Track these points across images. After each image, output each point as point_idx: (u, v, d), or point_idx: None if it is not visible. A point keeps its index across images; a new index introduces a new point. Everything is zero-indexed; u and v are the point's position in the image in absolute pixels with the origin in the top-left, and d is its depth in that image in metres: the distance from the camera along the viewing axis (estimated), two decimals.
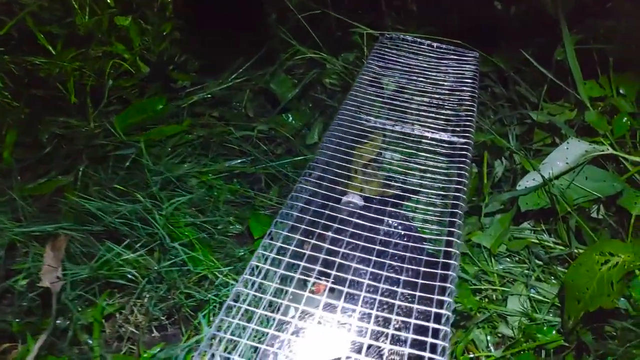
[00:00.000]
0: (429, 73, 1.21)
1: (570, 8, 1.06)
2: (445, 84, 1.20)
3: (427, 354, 0.55)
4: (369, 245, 0.72)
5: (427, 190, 1.02)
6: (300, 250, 0.71)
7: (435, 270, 0.66)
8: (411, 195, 0.98)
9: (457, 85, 1.20)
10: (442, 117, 1.14)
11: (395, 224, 0.89)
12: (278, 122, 1.51)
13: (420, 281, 0.66)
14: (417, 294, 0.65)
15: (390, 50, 1.29)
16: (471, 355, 0.88)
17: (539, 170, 0.98)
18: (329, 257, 0.69)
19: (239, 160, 1.35)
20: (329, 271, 0.69)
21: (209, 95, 1.55)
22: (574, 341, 0.85)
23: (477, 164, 1.13)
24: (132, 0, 1.97)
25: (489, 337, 0.90)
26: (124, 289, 0.95)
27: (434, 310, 0.61)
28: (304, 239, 0.84)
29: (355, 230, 0.74)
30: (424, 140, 1.18)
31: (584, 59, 1.05)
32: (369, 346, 0.60)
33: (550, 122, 1.07)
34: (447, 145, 1.08)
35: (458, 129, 1.14)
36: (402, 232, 0.87)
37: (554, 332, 0.88)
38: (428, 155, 1.03)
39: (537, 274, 0.97)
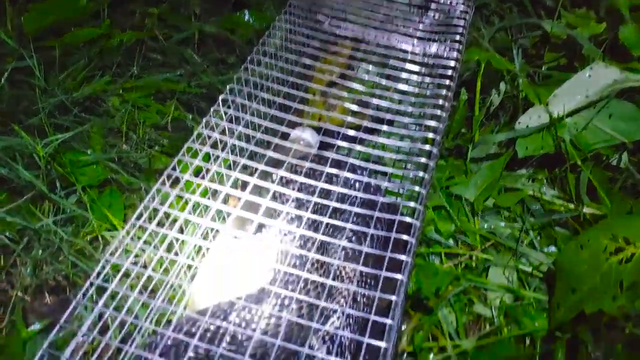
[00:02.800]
0: None
1: None
2: None
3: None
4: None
5: (399, 120, 0.78)
6: None
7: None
8: (381, 127, 0.75)
9: None
10: (426, 23, 0.86)
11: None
12: (233, 22, 1.22)
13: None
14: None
15: None
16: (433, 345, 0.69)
17: (547, 105, 0.73)
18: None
19: (178, 73, 1.09)
20: None
21: None
22: (567, 333, 0.65)
23: (470, 89, 0.88)
24: None
25: (461, 319, 0.71)
26: None
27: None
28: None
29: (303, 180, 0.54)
30: (400, 54, 0.91)
31: None
32: None
33: (569, 37, 0.80)
34: (428, 60, 0.82)
35: (445, 39, 0.87)
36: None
37: (544, 316, 0.68)
38: (406, 74, 0.78)
39: (530, 239, 0.76)
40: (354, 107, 0.67)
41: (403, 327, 0.71)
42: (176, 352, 0.53)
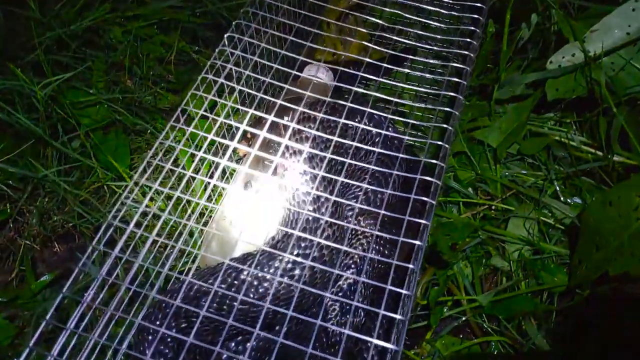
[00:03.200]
0: None
1: None
2: None
3: None
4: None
5: (421, 60, 0.71)
6: None
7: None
8: (403, 70, 0.68)
9: None
10: None
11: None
12: None
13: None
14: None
15: None
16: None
17: (582, 42, 0.66)
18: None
19: None
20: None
21: None
22: (586, 289, 0.64)
23: (497, 21, 0.80)
24: None
25: (477, 272, 0.69)
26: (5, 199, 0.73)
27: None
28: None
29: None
30: None
31: None
32: None
33: None
34: None
35: None
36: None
37: (564, 271, 0.66)
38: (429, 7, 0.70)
39: (555, 188, 0.72)
40: (372, 45, 0.61)
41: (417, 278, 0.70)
42: (186, 312, 0.53)
